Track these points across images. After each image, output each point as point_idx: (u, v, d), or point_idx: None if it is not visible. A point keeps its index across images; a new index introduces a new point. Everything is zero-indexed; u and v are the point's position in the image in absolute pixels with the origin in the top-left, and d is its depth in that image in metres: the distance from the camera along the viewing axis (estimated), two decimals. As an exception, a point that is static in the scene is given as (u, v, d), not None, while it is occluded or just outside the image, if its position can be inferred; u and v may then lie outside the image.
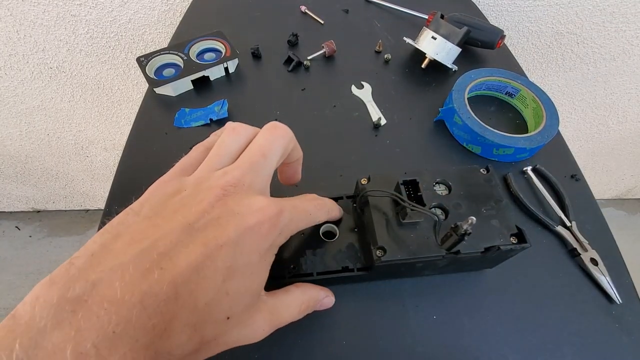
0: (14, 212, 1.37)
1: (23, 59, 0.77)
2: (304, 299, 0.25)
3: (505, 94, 0.45)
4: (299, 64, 0.49)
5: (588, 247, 0.33)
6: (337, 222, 0.31)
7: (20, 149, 1.03)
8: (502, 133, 0.38)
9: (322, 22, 0.56)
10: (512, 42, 0.78)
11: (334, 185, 0.37)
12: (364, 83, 0.47)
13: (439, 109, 0.43)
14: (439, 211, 0.28)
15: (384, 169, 0.39)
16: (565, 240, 0.34)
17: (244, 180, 0.20)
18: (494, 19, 0.73)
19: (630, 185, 1.32)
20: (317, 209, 0.26)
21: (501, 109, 0.45)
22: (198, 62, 0.46)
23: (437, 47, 0.46)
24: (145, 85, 0.46)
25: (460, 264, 0.29)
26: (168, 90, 0.45)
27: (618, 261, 0.33)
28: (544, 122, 0.39)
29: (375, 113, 0.44)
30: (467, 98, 0.41)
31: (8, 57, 0.77)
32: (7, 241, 1.31)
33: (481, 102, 0.45)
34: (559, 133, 0.41)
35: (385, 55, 0.50)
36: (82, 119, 0.95)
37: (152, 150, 0.40)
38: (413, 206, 0.26)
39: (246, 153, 0.22)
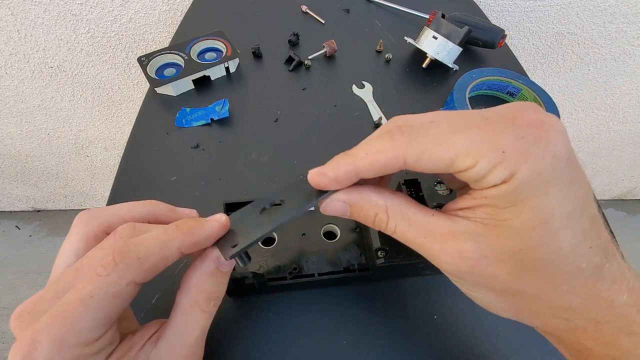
0: (14, 211, 1.37)
1: (24, 58, 0.77)
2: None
3: (507, 93, 0.45)
4: (300, 63, 0.49)
5: (589, 247, 0.33)
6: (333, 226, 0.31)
7: (20, 149, 1.03)
8: (503, 133, 0.38)
9: (323, 21, 0.56)
10: (513, 42, 0.78)
11: (334, 185, 0.37)
12: (364, 83, 0.47)
13: (440, 108, 0.43)
14: (440, 211, 0.28)
15: (385, 169, 0.39)
16: (567, 240, 0.34)
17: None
18: (495, 19, 0.73)
19: (630, 186, 1.33)
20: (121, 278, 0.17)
21: (502, 109, 0.45)
22: (199, 61, 0.46)
23: (438, 46, 0.46)
24: (146, 85, 0.46)
25: (462, 264, 0.29)
26: (169, 89, 0.45)
27: (619, 261, 0.33)
28: (545, 122, 0.39)
29: (376, 113, 0.44)
30: (469, 98, 0.41)
31: (9, 57, 0.77)
32: (7, 241, 1.31)
33: (482, 101, 0.45)
34: (560, 133, 0.41)
35: (386, 55, 0.50)
36: (82, 118, 0.95)
37: (153, 149, 0.40)
38: (414, 206, 0.26)
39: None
